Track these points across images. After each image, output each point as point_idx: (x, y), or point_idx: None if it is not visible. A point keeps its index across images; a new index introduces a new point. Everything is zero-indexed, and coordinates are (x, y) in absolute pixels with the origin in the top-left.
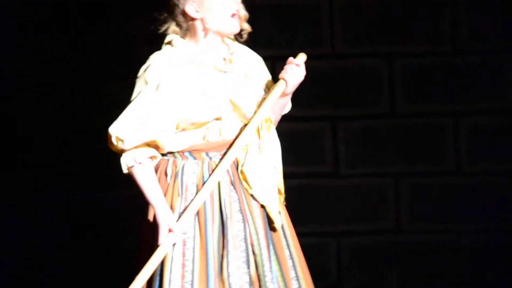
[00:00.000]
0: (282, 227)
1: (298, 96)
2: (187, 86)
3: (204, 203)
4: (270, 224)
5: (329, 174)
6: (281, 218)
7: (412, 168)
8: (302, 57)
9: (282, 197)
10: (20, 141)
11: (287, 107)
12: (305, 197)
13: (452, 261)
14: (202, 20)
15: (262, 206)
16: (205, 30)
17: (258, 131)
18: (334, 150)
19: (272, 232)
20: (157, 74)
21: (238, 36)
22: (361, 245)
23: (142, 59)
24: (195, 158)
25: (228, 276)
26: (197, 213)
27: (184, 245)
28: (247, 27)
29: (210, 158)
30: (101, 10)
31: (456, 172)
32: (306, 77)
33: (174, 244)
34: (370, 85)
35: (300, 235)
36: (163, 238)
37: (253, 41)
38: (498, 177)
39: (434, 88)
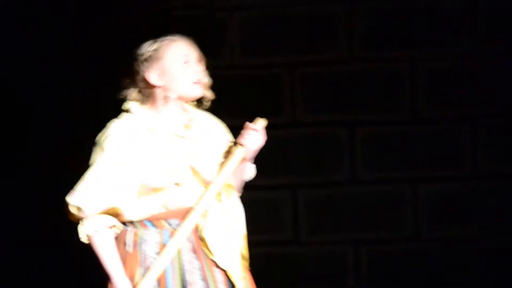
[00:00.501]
0: None
1: (260, 164)
2: (145, 153)
3: (166, 271)
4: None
5: (290, 242)
6: (245, 284)
7: (372, 235)
8: (260, 122)
9: (246, 262)
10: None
11: (250, 172)
12: (266, 265)
13: None
14: (163, 87)
15: (225, 272)
16: (166, 97)
17: (219, 196)
18: (294, 218)
19: None
20: (114, 142)
21: (200, 104)
22: None
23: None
24: (155, 227)
25: None
26: (159, 282)
27: None
28: (209, 95)
29: (171, 226)
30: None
31: (415, 238)
32: (267, 145)
33: None
34: (330, 152)
35: None
36: None
37: (216, 109)
38: (457, 242)
39: (393, 156)
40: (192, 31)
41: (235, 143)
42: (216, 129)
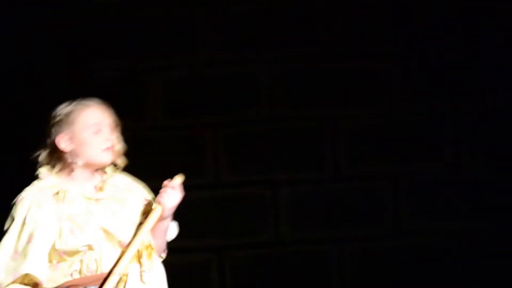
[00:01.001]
0: None
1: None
2: (53, 218)
3: None
4: None
5: None
6: None
7: None
8: (177, 179)
9: None
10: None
11: (172, 232)
12: None
13: None
14: (71, 152)
15: None
16: (74, 162)
17: (139, 258)
18: (221, 280)
19: None
20: (23, 210)
21: (117, 166)
22: None
23: None
24: None
25: None
26: None
27: None
28: (120, 162)
29: None
30: None
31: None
32: (192, 207)
33: None
34: (255, 214)
35: None
36: None
37: (139, 170)
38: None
39: (318, 217)
40: (113, 92)
41: (153, 202)
42: (133, 189)
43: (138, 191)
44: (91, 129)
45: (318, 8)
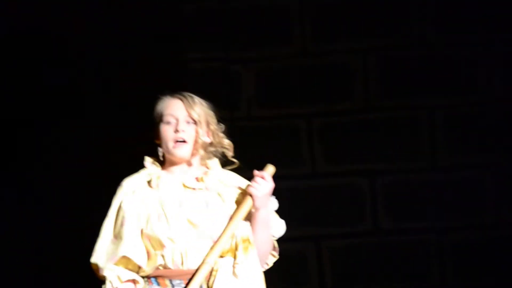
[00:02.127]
0: None
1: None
2: (144, 204)
3: None
4: None
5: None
6: None
7: None
8: (269, 169)
9: None
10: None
11: (278, 228)
12: None
13: None
14: (160, 145)
15: None
16: (164, 155)
17: (234, 251)
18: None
19: None
20: (119, 197)
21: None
22: None
23: None
24: (159, 285)
25: None
26: None
27: None
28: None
29: (174, 286)
30: None
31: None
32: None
33: None
34: (351, 204)
35: None
36: None
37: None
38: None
39: (415, 207)
40: (208, 82)
41: (245, 193)
42: (235, 185)
43: (239, 184)
44: (162, 120)
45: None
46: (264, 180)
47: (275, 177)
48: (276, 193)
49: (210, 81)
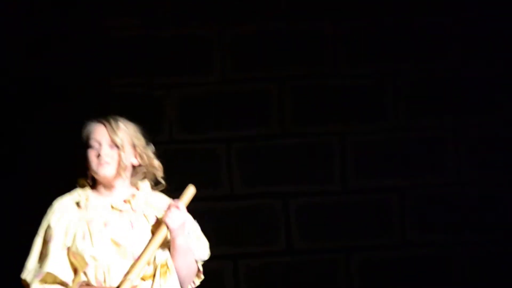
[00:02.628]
0: None
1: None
2: (72, 223)
3: None
4: None
5: None
6: None
7: None
8: (188, 192)
9: None
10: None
11: (199, 252)
12: None
13: None
14: (88, 168)
15: None
16: (90, 176)
17: (153, 277)
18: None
19: None
20: (48, 217)
21: (156, 183)
22: None
23: None
24: None
25: None
26: None
27: None
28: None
29: None
30: None
31: None
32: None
33: None
34: (267, 224)
35: None
36: None
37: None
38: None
39: (328, 227)
40: (133, 107)
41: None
42: (158, 206)
43: (163, 207)
44: (87, 145)
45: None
46: (178, 211)
47: (195, 198)
48: (195, 213)
49: (132, 106)
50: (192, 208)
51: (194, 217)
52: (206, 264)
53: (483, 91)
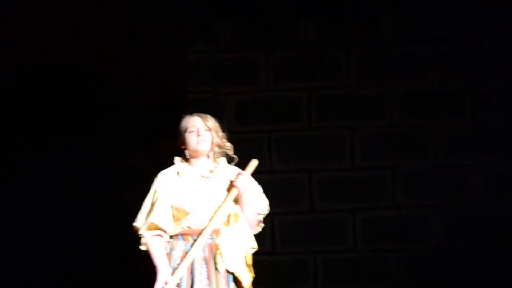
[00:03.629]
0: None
1: None
2: (175, 189)
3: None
4: (238, 286)
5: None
6: (248, 282)
7: None
8: (249, 167)
9: (249, 268)
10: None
11: (260, 207)
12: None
13: None
14: (185, 149)
15: (231, 273)
16: (188, 154)
17: (228, 221)
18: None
19: None
20: (155, 183)
21: (230, 159)
22: None
23: None
24: (183, 240)
25: None
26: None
27: None
28: (230, 153)
29: (194, 241)
30: None
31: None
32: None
33: None
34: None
35: None
36: (163, 287)
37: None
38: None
39: (339, 194)
40: (202, 108)
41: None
42: (231, 174)
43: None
44: (188, 131)
45: None
46: (244, 177)
47: (256, 170)
48: (258, 181)
49: (203, 107)
50: (254, 177)
51: (259, 183)
52: None
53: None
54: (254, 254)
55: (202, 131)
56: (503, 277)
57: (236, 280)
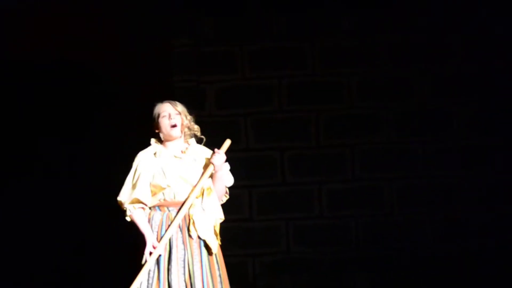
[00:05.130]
0: (215, 254)
1: None
2: (152, 167)
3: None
4: (208, 251)
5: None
6: (216, 248)
7: None
8: (224, 146)
9: (218, 236)
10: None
11: (228, 181)
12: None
13: None
14: (159, 132)
15: (202, 240)
16: (163, 137)
17: (202, 195)
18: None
19: (208, 256)
20: (135, 162)
21: (199, 140)
22: None
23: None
24: (160, 211)
25: (171, 280)
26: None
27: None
28: (198, 134)
29: (169, 211)
30: None
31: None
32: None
33: (159, 255)
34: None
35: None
36: (151, 250)
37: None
38: None
39: (307, 168)
40: (187, 95)
41: (208, 161)
42: (204, 153)
43: (206, 154)
44: (161, 116)
45: None
46: (220, 155)
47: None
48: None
49: (188, 93)
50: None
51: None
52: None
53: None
54: (234, 221)
55: (173, 115)
56: (444, 235)
57: (206, 246)
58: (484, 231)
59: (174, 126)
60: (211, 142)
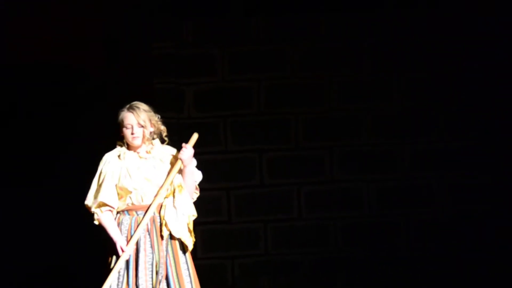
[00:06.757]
0: (186, 254)
1: None
2: (116, 169)
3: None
4: (184, 249)
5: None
6: (190, 246)
7: None
8: (193, 137)
9: (191, 233)
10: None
11: (197, 176)
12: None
13: None
14: (124, 137)
15: (177, 239)
16: (126, 142)
17: (173, 193)
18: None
19: (174, 257)
20: (101, 165)
21: (162, 140)
22: None
23: None
24: (129, 215)
25: (139, 285)
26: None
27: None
28: (164, 136)
29: (138, 215)
30: None
31: None
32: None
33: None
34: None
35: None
36: (120, 253)
37: (179, 141)
38: None
39: (287, 170)
40: (166, 97)
41: (176, 157)
42: (170, 152)
43: (173, 153)
44: (124, 126)
45: None
46: (188, 149)
47: (198, 146)
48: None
49: (167, 95)
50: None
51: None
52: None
53: None
54: (213, 223)
55: (135, 128)
56: (423, 236)
57: (181, 244)
58: (462, 232)
59: (135, 138)
60: (188, 139)
